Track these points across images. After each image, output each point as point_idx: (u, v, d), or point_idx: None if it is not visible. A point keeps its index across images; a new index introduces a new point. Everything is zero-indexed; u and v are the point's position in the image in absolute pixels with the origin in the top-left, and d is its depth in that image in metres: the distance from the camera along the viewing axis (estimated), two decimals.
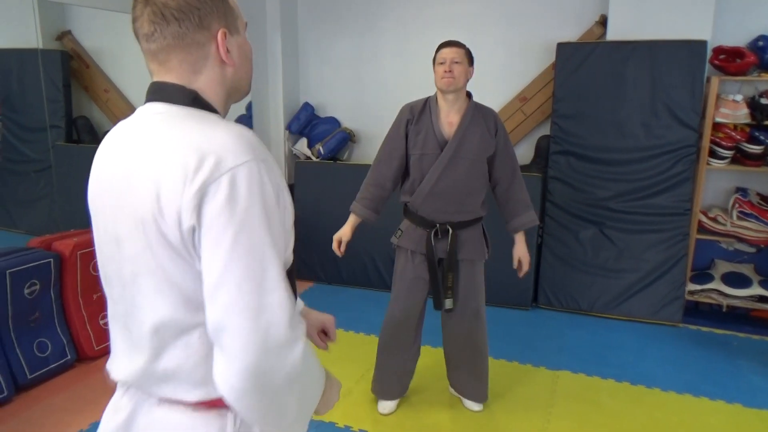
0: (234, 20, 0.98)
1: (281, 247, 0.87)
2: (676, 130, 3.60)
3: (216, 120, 0.91)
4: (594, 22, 3.91)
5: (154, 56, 0.94)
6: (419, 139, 2.39)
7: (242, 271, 0.83)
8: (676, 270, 3.69)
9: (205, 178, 0.82)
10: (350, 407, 2.76)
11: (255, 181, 0.84)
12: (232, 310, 0.82)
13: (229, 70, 0.97)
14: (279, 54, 4.63)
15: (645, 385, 2.96)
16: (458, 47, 2.33)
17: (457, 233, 2.42)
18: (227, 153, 0.83)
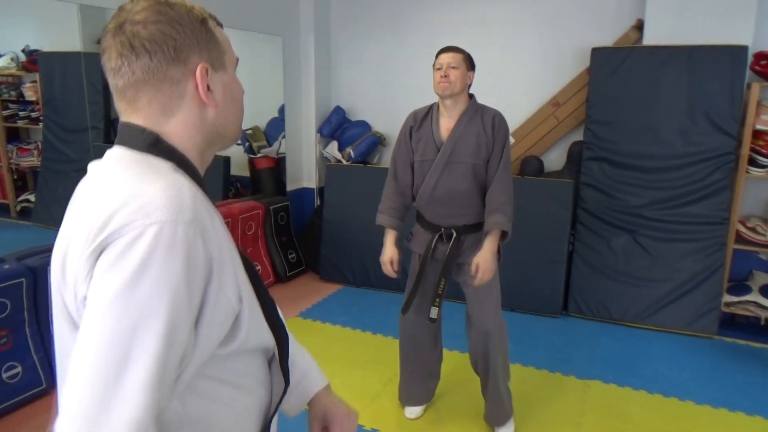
0: (220, 55, 0.85)
1: (182, 337, 0.68)
2: (714, 137, 3.52)
3: (159, 172, 0.76)
4: (630, 27, 3.85)
5: (122, 94, 0.81)
6: (420, 145, 2.40)
7: (95, 361, 0.64)
8: (712, 280, 3.61)
9: (103, 239, 0.68)
10: (377, 411, 2.77)
11: (163, 246, 0.67)
12: (64, 414, 0.64)
13: (210, 111, 0.83)
14: (312, 58, 4.69)
15: (678, 398, 2.90)
16: (456, 52, 2.31)
17: (462, 238, 2.40)
18: (141, 212, 0.68)
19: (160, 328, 0.66)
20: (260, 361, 0.93)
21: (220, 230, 0.78)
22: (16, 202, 4.13)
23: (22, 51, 4.00)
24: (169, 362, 0.67)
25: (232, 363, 0.84)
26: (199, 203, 0.74)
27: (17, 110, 4.07)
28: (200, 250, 0.70)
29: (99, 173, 0.80)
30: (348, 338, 3.57)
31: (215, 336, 0.75)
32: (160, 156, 0.79)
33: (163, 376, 0.66)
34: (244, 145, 4.81)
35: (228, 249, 0.78)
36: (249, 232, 4.29)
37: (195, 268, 0.70)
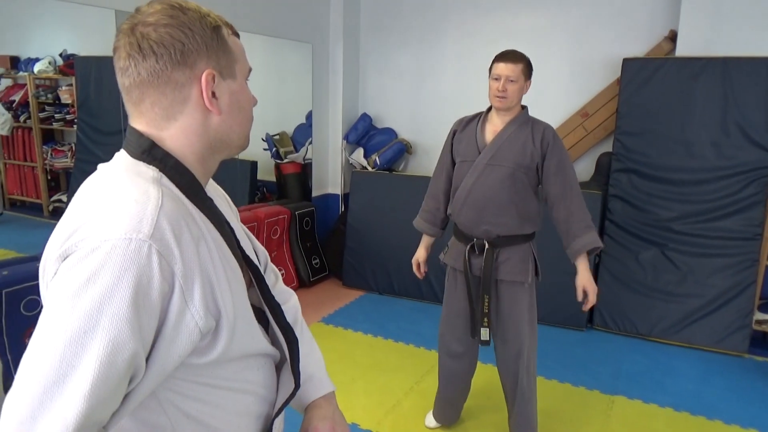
0: (230, 63, 0.84)
1: (124, 356, 0.67)
2: (749, 151, 3.45)
3: (137, 183, 0.76)
4: (663, 38, 3.80)
5: (129, 93, 0.82)
6: (462, 147, 2.35)
7: (35, 361, 0.66)
8: (743, 297, 3.51)
9: (66, 247, 0.71)
10: (398, 419, 2.76)
11: (111, 263, 0.67)
12: (3, 416, 0.66)
13: (213, 119, 0.83)
14: (340, 65, 4.73)
15: (706, 417, 2.83)
16: (515, 63, 2.20)
17: (496, 250, 2.28)
18: (100, 227, 0.70)
19: (96, 347, 0.66)
20: (259, 364, 0.93)
21: (196, 243, 0.76)
22: (49, 202, 4.23)
23: (60, 55, 4.11)
24: (108, 380, 0.67)
25: (220, 370, 0.84)
26: (167, 217, 0.73)
27: (53, 113, 4.18)
28: (155, 267, 0.70)
29: (97, 177, 0.82)
30: (370, 345, 3.57)
31: (178, 352, 0.74)
32: (152, 163, 0.80)
33: (98, 394, 0.66)
34: (272, 151, 4.86)
35: (207, 262, 0.77)
36: (274, 237, 4.33)
37: (147, 287, 0.69)
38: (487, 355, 2.68)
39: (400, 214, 4.24)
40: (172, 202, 0.76)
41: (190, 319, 0.74)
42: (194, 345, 0.76)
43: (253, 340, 0.89)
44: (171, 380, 0.78)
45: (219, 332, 0.79)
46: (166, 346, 0.73)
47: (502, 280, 2.30)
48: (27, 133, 4.10)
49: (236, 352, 0.84)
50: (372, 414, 2.78)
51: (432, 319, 3.87)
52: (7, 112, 3.83)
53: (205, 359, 0.80)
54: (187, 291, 0.74)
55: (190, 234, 0.76)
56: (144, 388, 0.74)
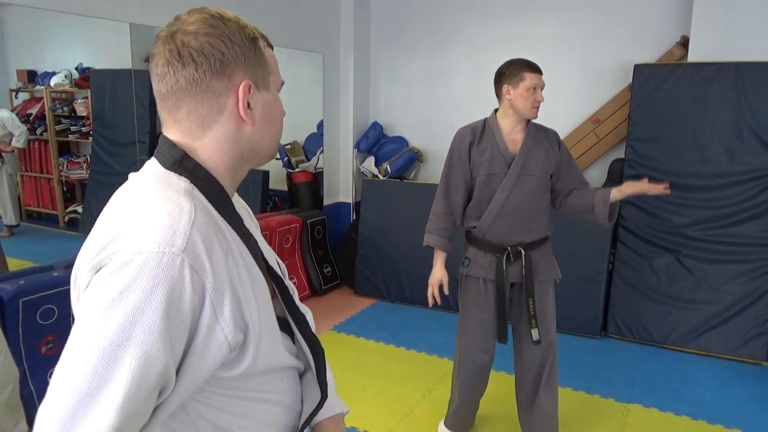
0: (265, 75, 0.85)
1: (155, 369, 0.68)
2: (764, 156, 3.41)
3: (169, 195, 0.76)
4: (674, 43, 3.79)
5: (164, 101, 0.82)
6: (484, 159, 2.32)
7: (68, 374, 0.66)
8: (761, 304, 3.46)
9: (101, 259, 0.71)
10: (410, 427, 2.75)
11: (148, 276, 0.68)
12: (36, 428, 0.66)
13: (246, 129, 0.84)
14: (351, 75, 4.76)
15: (724, 425, 2.78)
16: (541, 72, 2.28)
17: (529, 255, 2.33)
18: (133, 240, 0.70)
19: (129, 360, 0.66)
20: (284, 375, 0.92)
21: (227, 257, 0.77)
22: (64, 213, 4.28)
23: (76, 69, 4.17)
24: (140, 393, 0.67)
25: (247, 382, 0.84)
26: (199, 230, 0.73)
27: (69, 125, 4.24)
28: (187, 281, 0.70)
29: (129, 187, 0.82)
30: (382, 353, 3.56)
31: (208, 365, 0.75)
32: (183, 174, 0.80)
33: (130, 407, 0.66)
34: (283, 160, 4.90)
35: (236, 276, 0.77)
36: (286, 245, 4.35)
37: (179, 300, 0.69)
38: (499, 363, 2.66)
39: (412, 222, 4.24)
40: (203, 216, 0.76)
41: (219, 332, 0.74)
42: (224, 358, 0.76)
43: (278, 353, 0.88)
44: (199, 392, 0.78)
45: (246, 346, 0.79)
46: (196, 359, 0.73)
47: (536, 282, 2.36)
48: (43, 146, 4.16)
49: (262, 365, 0.83)
50: (384, 422, 2.77)
51: (444, 327, 3.86)
52: (23, 125, 3.89)
53: (232, 372, 0.80)
54: (218, 305, 0.74)
55: (221, 248, 0.76)
56: (173, 401, 0.74)
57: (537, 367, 2.40)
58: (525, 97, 2.23)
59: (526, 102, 2.23)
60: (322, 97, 4.68)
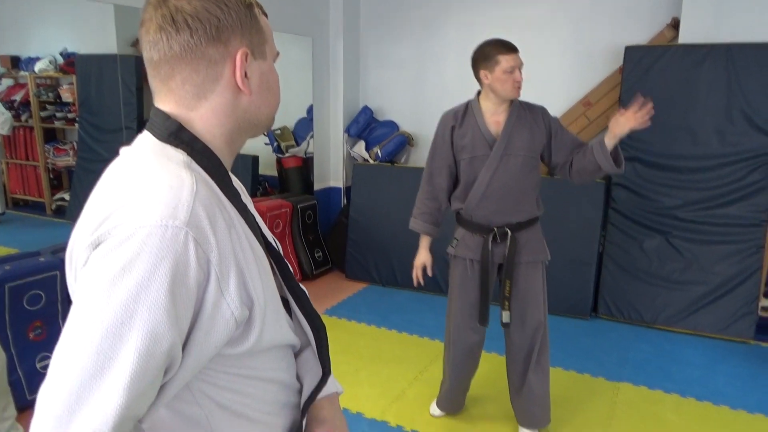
0: (261, 43, 0.82)
1: (162, 347, 0.66)
2: (754, 137, 3.42)
3: (168, 167, 0.73)
4: (665, 25, 3.78)
5: (156, 69, 0.78)
6: (466, 142, 2.32)
7: (70, 354, 0.64)
8: (749, 284, 3.50)
9: (99, 234, 0.68)
10: (403, 408, 2.76)
11: (152, 251, 0.65)
12: (37, 410, 0.63)
13: (243, 99, 0.81)
14: (341, 59, 4.72)
15: (712, 402, 2.82)
16: (518, 51, 2.24)
17: (516, 236, 2.33)
18: (134, 213, 0.67)
19: (134, 338, 0.63)
20: (284, 353, 0.91)
21: (230, 230, 0.74)
22: (51, 201, 4.24)
23: (60, 54, 4.11)
24: (147, 372, 0.65)
25: (250, 360, 0.82)
26: (202, 203, 0.71)
27: (54, 111, 4.18)
28: (191, 255, 0.67)
29: (122, 162, 0.79)
30: (373, 336, 3.57)
31: (214, 342, 0.72)
32: (179, 146, 0.77)
33: (137, 386, 0.64)
34: (273, 145, 4.86)
35: (239, 250, 0.75)
36: (276, 230, 4.33)
37: (184, 275, 0.67)
38: (489, 344, 2.67)
39: (402, 206, 4.22)
40: (205, 188, 0.73)
41: (225, 308, 0.72)
42: (230, 335, 0.74)
43: (282, 329, 0.87)
44: (203, 371, 0.76)
45: (252, 322, 0.77)
46: (202, 336, 0.71)
47: (521, 263, 2.36)
48: (29, 132, 4.11)
49: (267, 342, 0.81)
50: (376, 404, 2.78)
51: (435, 310, 3.87)
52: (7, 111, 3.83)
53: (238, 349, 0.78)
54: (223, 280, 0.71)
55: (224, 221, 0.73)
56: (179, 379, 0.72)
57: (526, 349, 2.41)
58: (503, 80, 2.20)
59: (505, 84, 2.20)
60: (311, 81, 4.64)
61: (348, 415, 2.68)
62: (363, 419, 2.65)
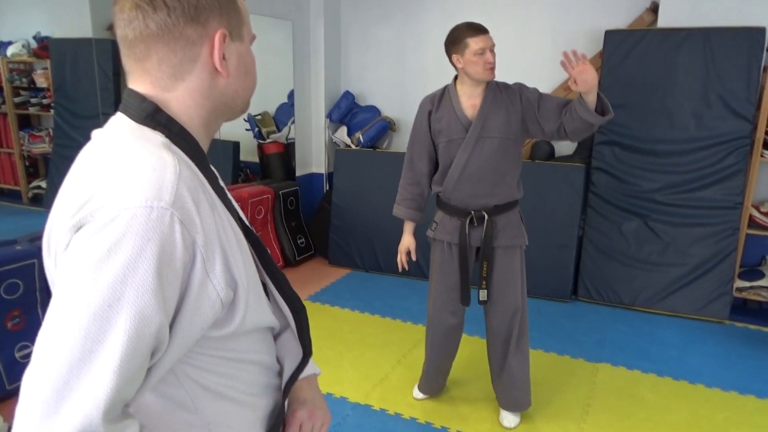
0: (239, 25, 0.82)
1: (150, 329, 0.65)
2: (730, 121, 3.47)
3: (148, 149, 0.72)
4: (645, 9, 3.80)
5: (131, 48, 0.77)
6: (443, 125, 2.32)
7: (56, 338, 0.62)
8: (724, 266, 3.57)
9: (81, 216, 0.66)
10: (386, 391, 2.78)
11: (137, 232, 0.64)
12: (23, 397, 0.61)
13: (221, 81, 0.80)
14: (321, 43, 4.67)
15: (688, 381, 2.88)
16: (488, 32, 2.22)
17: (493, 220, 2.34)
18: (118, 195, 0.66)
19: (123, 320, 0.63)
20: (265, 336, 0.92)
21: (213, 212, 0.74)
22: (28, 189, 4.17)
23: (33, 38, 4.02)
24: (137, 354, 0.64)
25: (233, 342, 0.82)
26: (186, 184, 0.70)
27: (29, 97, 4.10)
28: (177, 237, 0.67)
29: (97, 144, 0.77)
30: (356, 321, 3.58)
31: (200, 324, 0.72)
32: (156, 128, 0.76)
33: (127, 369, 0.63)
34: (254, 131, 4.81)
35: (221, 232, 0.75)
36: (258, 217, 4.31)
37: (170, 256, 0.66)
38: (470, 327, 2.71)
39: (385, 191, 4.23)
40: (188, 170, 0.73)
41: (211, 290, 0.72)
42: (215, 317, 0.74)
43: (264, 311, 0.87)
44: (187, 354, 0.76)
45: (237, 304, 0.77)
46: (188, 318, 0.71)
47: (499, 247, 2.36)
48: (2, 119, 4.02)
49: (250, 324, 0.82)
50: (360, 387, 2.80)
51: (418, 295, 3.89)
52: None
53: (222, 331, 0.78)
54: (209, 262, 0.71)
55: (207, 202, 0.73)
56: (166, 362, 0.72)
57: (505, 332, 2.43)
58: (474, 61, 2.19)
59: (476, 67, 2.20)
60: (292, 66, 4.59)
61: (332, 399, 2.69)
62: (347, 403, 2.67)
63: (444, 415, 2.60)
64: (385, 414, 2.60)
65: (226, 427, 0.85)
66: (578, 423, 2.54)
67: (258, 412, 0.91)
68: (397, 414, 2.60)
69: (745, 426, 2.53)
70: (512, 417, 2.52)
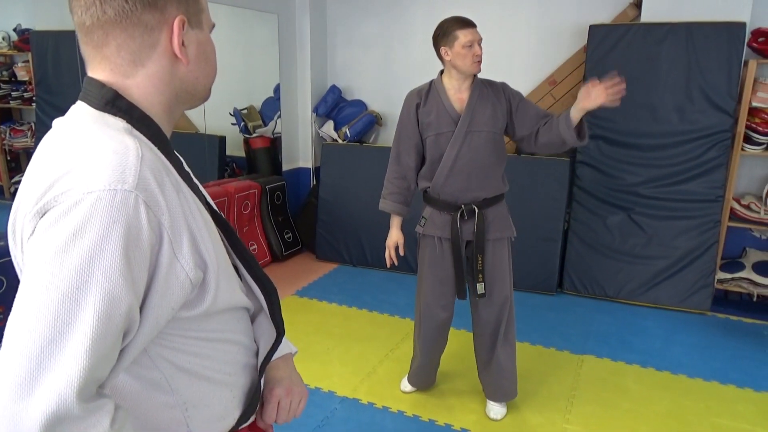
0: (197, 12, 0.83)
1: (120, 310, 0.66)
2: (711, 115, 3.52)
3: (109, 134, 0.73)
4: (628, 4, 3.83)
5: (89, 35, 0.77)
6: (431, 119, 2.33)
7: (26, 322, 0.63)
8: (706, 258, 3.63)
9: (45, 202, 0.67)
10: (374, 385, 2.80)
11: (98, 216, 0.65)
12: None
13: (181, 68, 0.81)
14: (307, 37, 4.65)
15: (671, 372, 2.93)
16: (475, 26, 2.25)
17: (483, 213, 2.36)
18: (81, 179, 0.67)
19: (92, 301, 0.63)
20: (239, 316, 0.93)
21: (178, 194, 0.75)
22: (9, 184, 4.12)
23: (14, 30, 3.96)
24: (108, 335, 0.65)
25: (207, 322, 0.84)
26: (149, 166, 0.71)
27: (9, 90, 4.04)
28: (143, 218, 0.68)
29: (58, 132, 0.78)
30: (344, 315, 3.59)
31: (170, 304, 0.74)
32: (117, 115, 0.77)
33: (98, 350, 0.64)
34: (240, 125, 4.79)
35: (188, 213, 0.76)
36: (245, 211, 4.29)
37: (136, 238, 0.67)
38: (458, 320, 2.73)
39: (372, 185, 4.23)
40: (150, 153, 0.74)
41: (180, 270, 0.73)
42: (186, 297, 0.76)
43: (235, 292, 0.89)
44: (161, 335, 0.78)
45: (207, 284, 0.79)
46: (158, 298, 0.72)
47: (489, 239, 2.39)
48: None
49: (221, 303, 0.83)
50: (348, 381, 2.81)
51: (406, 289, 3.91)
52: None
53: (194, 312, 0.79)
54: (176, 242, 0.72)
55: (171, 185, 0.74)
56: (138, 343, 0.73)
57: (493, 324, 2.46)
58: (462, 54, 2.21)
59: (465, 59, 2.22)
60: (278, 60, 4.56)
61: (319, 393, 2.70)
62: (335, 397, 2.68)
63: (431, 408, 2.62)
64: (372, 407, 2.62)
65: (204, 406, 0.86)
66: (563, 414, 2.58)
67: (235, 391, 0.93)
68: (384, 407, 2.62)
69: (726, 415, 2.58)
70: (499, 408, 2.55)
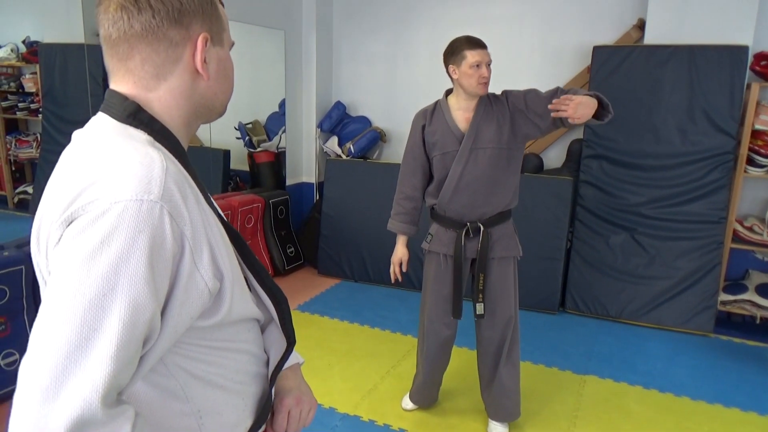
0: (220, 31, 0.85)
1: (143, 317, 0.67)
2: (714, 137, 3.54)
3: (134, 146, 0.75)
4: (631, 26, 3.87)
5: (115, 48, 0.79)
6: (437, 139, 2.36)
7: (53, 328, 0.64)
8: (709, 279, 3.63)
9: (72, 211, 0.69)
10: (375, 402, 2.78)
11: (125, 225, 0.66)
12: (21, 384, 0.63)
13: (201, 83, 0.83)
14: (313, 53, 4.70)
15: (674, 393, 2.92)
16: (486, 47, 2.27)
17: (488, 231, 2.37)
18: (108, 189, 0.68)
19: (117, 308, 0.65)
20: (250, 327, 0.95)
21: (198, 205, 0.77)
22: (14, 194, 4.13)
23: (23, 42, 3.99)
24: (131, 342, 0.66)
25: (221, 332, 0.85)
26: (173, 178, 0.73)
27: (16, 101, 4.07)
28: (167, 229, 0.70)
29: (81, 143, 0.80)
30: (346, 331, 3.58)
31: (189, 313, 0.76)
32: (139, 127, 0.79)
33: (123, 356, 0.65)
34: (244, 139, 4.81)
35: (207, 225, 0.78)
36: (248, 225, 4.30)
37: (160, 248, 0.69)
38: (461, 339, 2.72)
39: (375, 202, 4.25)
40: (173, 165, 0.76)
41: (199, 280, 0.75)
42: (203, 306, 0.77)
43: (248, 302, 0.91)
44: (177, 343, 0.79)
45: (223, 294, 0.80)
46: (178, 307, 0.74)
47: (494, 258, 2.38)
48: None
49: (236, 314, 0.85)
50: (349, 398, 2.80)
51: (408, 306, 3.90)
52: None
53: (209, 321, 0.81)
54: (197, 253, 0.74)
55: (193, 197, 0.76)
56: (157, 350, 0.74)
57: (497, 343, 2.45)
58: (469, 74, 2.23)
59: (471, 79, 2.23)
60: (284, 75, 4.61)
61: (320, 410, 2.69)
62: (336, 414, 2.67)
63: (433, 427, 2.60)
64: (374, 425, 2.60)
65: (217, 414, 0.87)
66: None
67: (247, 400, 0.94)
68: (386, 425, 2.60)
69: None
70: (501, 428, 2.53)
